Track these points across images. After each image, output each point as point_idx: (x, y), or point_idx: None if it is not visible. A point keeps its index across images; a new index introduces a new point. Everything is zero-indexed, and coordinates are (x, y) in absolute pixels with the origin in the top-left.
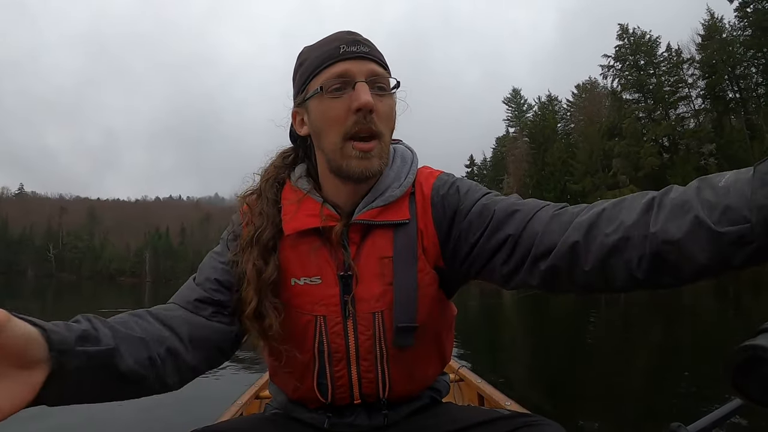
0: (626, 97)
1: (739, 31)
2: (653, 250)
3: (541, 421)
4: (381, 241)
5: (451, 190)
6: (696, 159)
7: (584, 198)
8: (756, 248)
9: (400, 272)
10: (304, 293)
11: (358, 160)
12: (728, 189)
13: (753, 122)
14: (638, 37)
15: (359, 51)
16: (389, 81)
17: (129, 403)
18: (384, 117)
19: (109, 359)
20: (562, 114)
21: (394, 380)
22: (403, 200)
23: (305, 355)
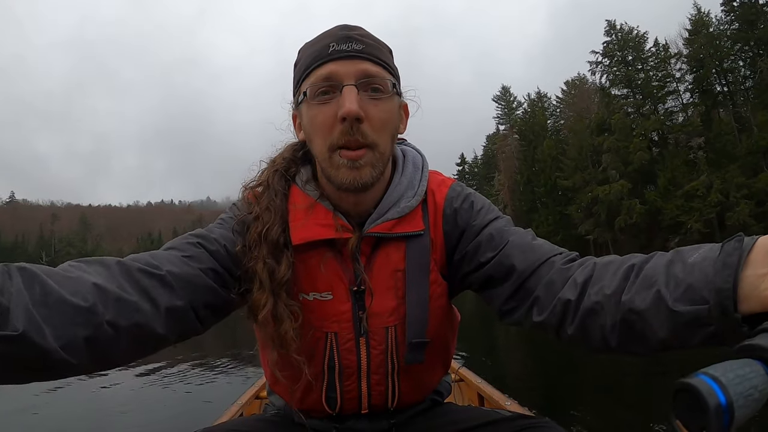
0: (615, 93)
1: (726, 25)
2: (622, 318)
3: (541, 423)
4: (394, 254)
5: (465, 205)
6: (685, 153)
7: (574, 193)
8: (713, 332)
9: (413, 286)
10: (315, 309)
11: (347, 169)
12: (694, 266)
13: (741, 115)
14: (626, 33)
15: (350, 49)
16: (387, 82)
17: (129, 403)
18: (378, 124)
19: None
20: (551, 111)
21: (403, 392)
22: (417, 210)
23: (314, 370)
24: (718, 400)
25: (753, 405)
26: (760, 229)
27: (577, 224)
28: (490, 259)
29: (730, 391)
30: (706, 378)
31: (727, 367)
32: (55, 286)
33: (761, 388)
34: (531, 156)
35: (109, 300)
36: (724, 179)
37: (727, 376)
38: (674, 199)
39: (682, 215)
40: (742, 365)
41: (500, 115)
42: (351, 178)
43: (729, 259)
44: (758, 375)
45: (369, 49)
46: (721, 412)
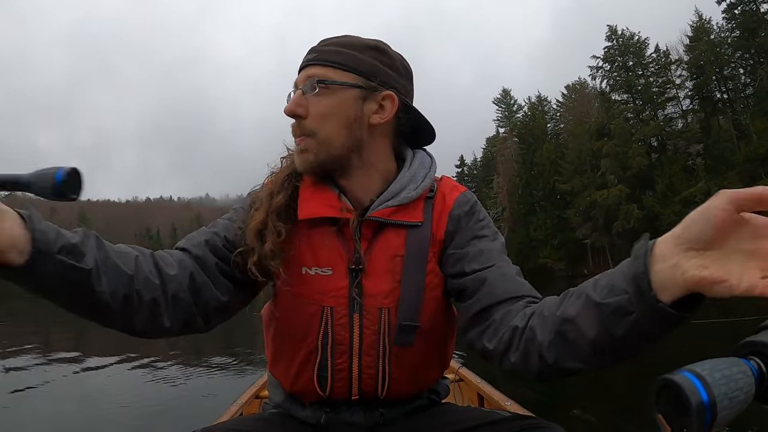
0: (615, 98)
1: (727, 33)
2: (557, 330)
3: (541, 424)
4: (394, 240)
5: (472, 211)
6: (683, 159)
7: (572, 197)
8: (635, 320)
9: (409, 271)
10: (314, 283)
11: (297, 153)
12: (615, 271)
13: (741, 122)
14: (627, 39)
15: (305, 61)
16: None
17: (129, 402)
18: (316, 116)
19: (83, 278)
20: (552, 114)
21: (394, 379)
22: (418, 203)
23: (309, 345)
24: (701, 399)
25: (737, 407)
26: None
27: (574, 228)
28: (474, 271)
29: (714, 391)
30: (691, 375)
31: (714, 366)
32: (112, 254)
33: (747, 390)
34: (530, 159)
35: (140, 277)
36: (722, 186)
37: (714, 375)
38: (672, 205)
39: (679, 221)
40: (729, 365)
41: (500, 117)
42: (299, 161)
43: (638, 252)
44: (745, 376)
45: (321, 56)
46: (703, 410)
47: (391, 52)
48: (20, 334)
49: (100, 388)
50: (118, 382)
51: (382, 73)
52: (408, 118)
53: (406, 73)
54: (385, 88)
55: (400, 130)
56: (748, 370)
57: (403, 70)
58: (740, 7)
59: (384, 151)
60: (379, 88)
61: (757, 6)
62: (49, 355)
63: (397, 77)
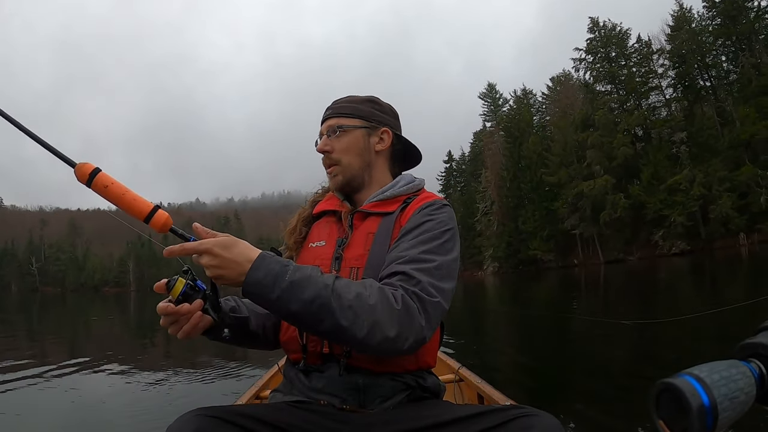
0: (599, 89)
1: (708, 21)
2: None
3: (533, 412)
4: (371, 224)
5: (425, 209)
6: (668, 147)
7: (559, 189)
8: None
9: (377, 243)
10: (311, 252)
11: (330, 178)
12: None
13: (724, 109)
14: (609, 30)
15: (325, 116)
16: (340, 126)
17: (130, 403)
18: (340, 150)
19: (245, 322)
20: (537, 107)
21: None
22: (394, 201)
23: None
24: (701, 401)
25: (738, 408)
26: (742, 222)
27: (563, 219)
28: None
29: (714, 393)
30: (690, 378)
31: (712, 368)
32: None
33: (747, 391)
34: (517, 153)
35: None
36: (707, 173)
37: (712, 377)
38: (657, 193)
39: (665, 209)
40: (728, 366)
41: (486, 112)
42: (332, 183)
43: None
44: (744, 377)
45: (335, 111)
46: (704, 413)
47: (381, 102)
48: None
49: (97, 391)
50: (112, 385)
51: (377, 116)
52: (401, 146)
53: (393, 114)
54: (381, 126)
55: (396, 155)
56: (748, 371)
57: (392, 113)
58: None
59: (384, 171)
60: (378, 126)
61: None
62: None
63: (388, 118)
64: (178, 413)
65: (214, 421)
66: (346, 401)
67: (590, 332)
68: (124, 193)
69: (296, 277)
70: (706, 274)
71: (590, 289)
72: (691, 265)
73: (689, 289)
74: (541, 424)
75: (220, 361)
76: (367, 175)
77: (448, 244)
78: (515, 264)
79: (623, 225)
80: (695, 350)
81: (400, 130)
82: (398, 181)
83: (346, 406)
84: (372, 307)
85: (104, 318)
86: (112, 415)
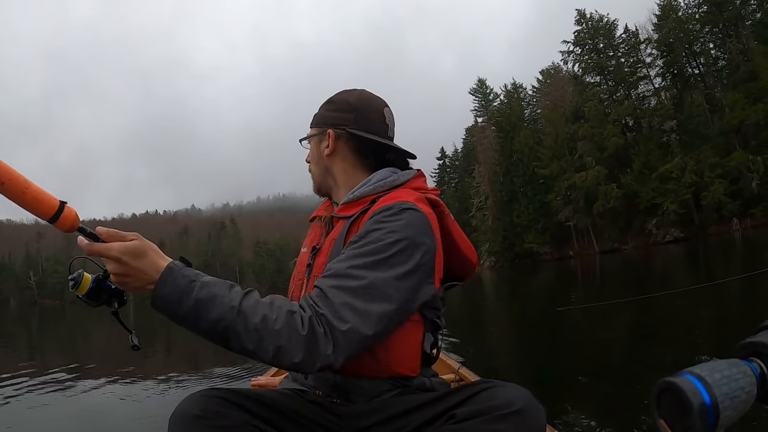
0: (588, 81)
1: (695, 9)
2: None
3: (500, 384)
4: (338, 228)
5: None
6: (658, 136)
7: (552, 181)
8: None
9: (334, 251)
10: (299, 258)
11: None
12: None
13: (713, 96)
14: (596, 21)
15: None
16: (306, 136)
17: (133, 403)
18: (311, 160)
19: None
20: (528, 100)
21: None
22: (358, 203)
23: (294, 291)
24: (703, 400)
25: (739, 407)
26: (735, 207)
27: (557, 211)
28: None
29: (716, 392)
30: (691, 377)
31: (713, 367)
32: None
33: (748, 390)
34: (509, 147)
35: None
36: (698, 160)
37: (714, 376)
38: (650, 182)
39: (658, 197)
40: (729, 366)
41: (477, 107)
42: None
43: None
44: (745, 376)
45: (313, 121)
46: (706, 412)
47: (338, 98)
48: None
49: (98, 400)
50: (113, 393)
51: (326, 118)
52: (357, 140)
53: (347, 108)
54: (327, 128)
55: (360, 149)
56: (749, 370)
57: (345, 105)
58: None
59: (346, 171)
60: (325, 129)
61: None
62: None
63: (335, 116)
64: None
65: (220, 401)
66: (332, 396)
67: (588, 320)
68: (26, 189)
69: (202, 295)
70: (700, 261)
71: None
72: (685, 251)
73: (685, 273)
74: (505, 393)
75: (223, 367)
76: (330, 180)
77: (395, 258)
78: (511, 257)
79: (617, 215)
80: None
81: (360, 122)
82: (370, 179)
83: (336, 400)
84: (277, 332)
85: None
86: (115, 424)
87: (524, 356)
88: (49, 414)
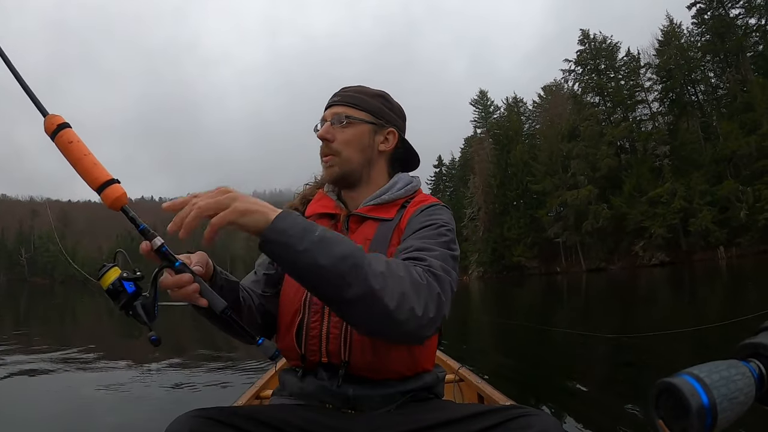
0: (587, 100)
1: (697, 37)
2: None
3: (532, 412)
4: (368, 230)
5: (424, 210)
6: (651, 160)
7: (544, 197)
8: None
9: (373, 251)
10: None
11: (324, 168)
12: None
13: (710, 124)
14: (599, 43)
15: (331, 102)
16: (345, 116)
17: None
18: (341, 142)
19: (235, 287)
20: (528, 115)
21: (354, 344)
22: (392, 206)
23: (295, 305)
24: (701, 401)
25: (737, 408)
26: (722, 235)
27: (547, 227)
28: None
29: (714, 393)
30: (690, 378)
31: (712, 368)
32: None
33: (746, 391)
34: (504, 160)
35: (246, 294)
36: (689, 186)
37: (712, 377)
38: (639, 204)
39: (646, 220)
40: (728, 367)
41: (477, 118)
42: (327, 173)
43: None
44: (744, 377)
45: (344, 99)
46: (704, 413)
47: (392, 99)
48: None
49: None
50: (122, 381)
51: (386, 114)
52: (403, 149)
53: (401, 115)
54: (388, 125)
55: (396, 157)
56: (747, 371)
57: (400, 113)
58: (710, 12)
59: (383, 172)
60: (386, 125)
61: (726, 11)
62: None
63: (396, 118)
64: (174, 414)
65: (209, 422)
66: (340, 407)
67: (574, 343)
68: (86, 155)
69: (327, 235)
70: (685, 287)
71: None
72: (669, 276)
73: (667, 301)
74: (539, 423)
75: (215, 362)
76: (366, 173)
77: (451, 243)
78: (499, 269)
79: (605, 234)
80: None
81: (405, 132)
82: (395, 183)
83: (350, 411)
84: (401, 278)
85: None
86: (106, 417)
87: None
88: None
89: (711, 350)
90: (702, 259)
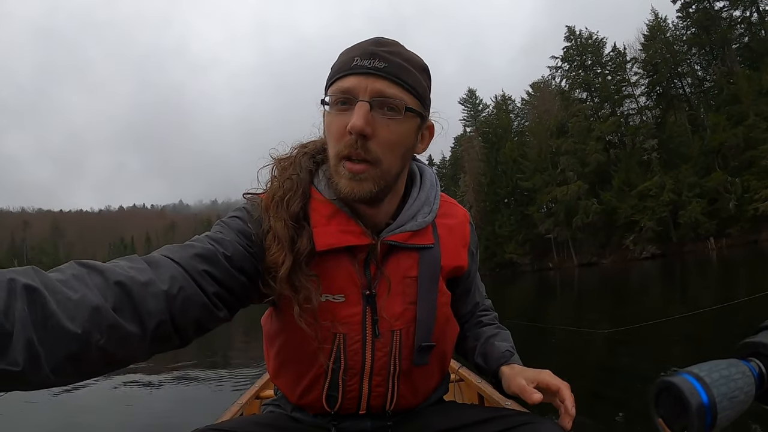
0: (574, 96)
1: (683, 30)
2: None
3: (536, 420)
4: (405, 262)
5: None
6: (639, 154)
7: (534, 194)
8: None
9: (424, 292)
10: (326, 310)
11: (347, 180)
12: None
13: (696, 117)
14: (585, 39)
15: (371, 66)
16: (401, 104)
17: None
18: (385, 143)
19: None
20: (517, 112)
21: (401, 394)
22: (427, 230)
23: (318, 368)
24: (701, 400)
25: (737, 407)
26: (712, 227)
27: (538, 224)
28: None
29: (714, 392)
30: (689, 377)
31: (712, 367)
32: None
33: (746, 390)
34: (494, 158)
35: (103, 326)
36: (677, 179)
37: (712, 376)
38: (628, 198)
39: (636, 214)
40: (727, 366)
41: (466, 117)
42: (350, 190)
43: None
44: (744, 376)
45: (391, 68)
46: (704, 412)
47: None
48: None
49: (112, 388)
50: (105, 390)
51: (429, 101)
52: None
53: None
54: (429, 117)
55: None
56: (747, 370)
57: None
58: (695, 6)
59: (404, 176)
60: (427, 118)
61: (711, 4)
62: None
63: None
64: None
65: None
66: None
67: (569, 339)
68: None
69: None
70: (675, 278)
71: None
72: (661, 268)
73: (658, 292)
74: (544, 430)
75: (203, 372)
76: (393, 184)
77: None
78: (492, 267)
79: (596, 229)
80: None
81: None
82: (428, 193)
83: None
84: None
85: None
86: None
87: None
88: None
89: (703, 339)
90: (692, 250)
